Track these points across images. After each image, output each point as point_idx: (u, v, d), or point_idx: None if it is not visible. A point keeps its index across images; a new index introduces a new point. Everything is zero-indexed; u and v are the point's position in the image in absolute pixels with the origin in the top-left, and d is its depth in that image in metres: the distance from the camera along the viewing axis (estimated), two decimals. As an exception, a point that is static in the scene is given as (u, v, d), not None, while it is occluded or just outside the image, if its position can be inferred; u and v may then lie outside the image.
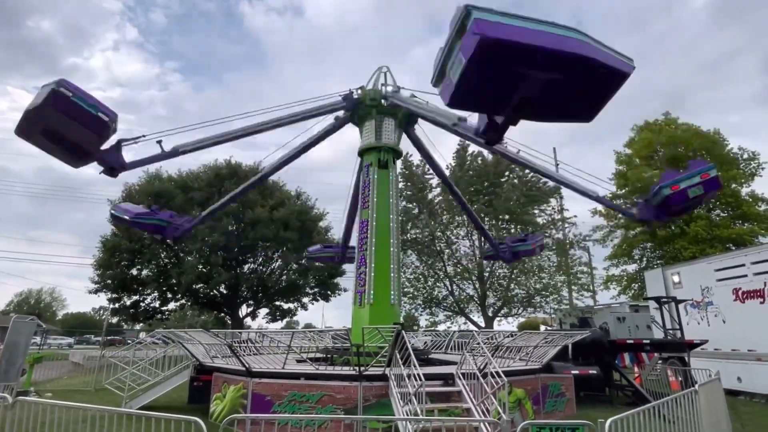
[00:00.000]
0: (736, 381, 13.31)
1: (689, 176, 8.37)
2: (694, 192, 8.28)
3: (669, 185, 8.54)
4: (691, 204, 8.92)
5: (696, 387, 6.12)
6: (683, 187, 8.34)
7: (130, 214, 11.23)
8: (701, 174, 8.27)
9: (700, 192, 8.34)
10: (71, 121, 7.64)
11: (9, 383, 11.56)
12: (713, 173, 8.35)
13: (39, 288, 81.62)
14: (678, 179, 8.45)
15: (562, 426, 4.57)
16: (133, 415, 5.36)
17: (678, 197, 8.43)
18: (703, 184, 8.26)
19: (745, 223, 26.41)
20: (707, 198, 9.52)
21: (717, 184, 8.53)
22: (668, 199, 8.53)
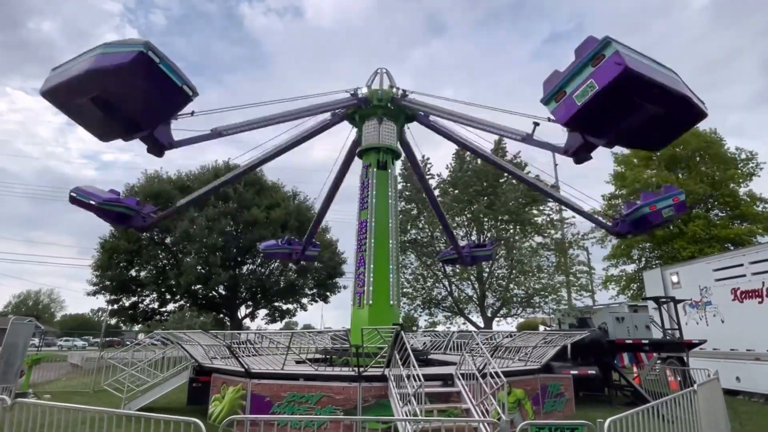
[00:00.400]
0: (735, 381, 13.33)
1: (664, 198, 9.29)
2: (667, 213, 9.24)
3: (648, 205, 9.48)
4: (663, 222, 9.84)
5: (695, 387, 6.13)
6: (659, 208, 9.23)
7: (96, 198, 9.75)
8: (673, 197, 9.21)
9: (672, 213, 9.35)
10: (148, 90, 6.71)
11: (7, 385, 11.53)
12: (682, 198, 9.37)
13: (37, 289, 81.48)
14: (655, 200, 9.35)
15: (561, 426, 4.57)
16: (132, 416, 5.35)
17: (654, 216, 9.35)
18: (674, 206, 9.26)
19: (744, 222, 26.47)
20: (675, 218, 10.85)
21: (683, 207, 9.78)
22: (646, 217, 9.50)
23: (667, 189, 9.62)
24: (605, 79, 5.53)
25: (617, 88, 5.53)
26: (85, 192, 9.89)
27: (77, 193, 9.84)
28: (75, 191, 9.82)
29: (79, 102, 6.68)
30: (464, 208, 26.86)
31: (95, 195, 9.88)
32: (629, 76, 5.40)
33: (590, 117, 6.07)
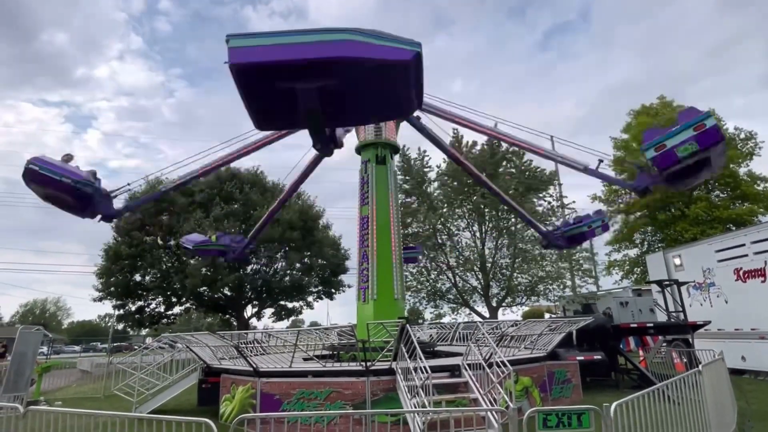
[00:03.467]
0: (741, 360, 13.40)
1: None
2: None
3: (586, 225, 9.60)
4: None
5: (700, 367, 6.17)
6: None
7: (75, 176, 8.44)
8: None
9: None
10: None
11: (19, 393, 11.66)
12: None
13: (44, 298, 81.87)
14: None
15: (568, 412, 4.60)
16: (144, 419, 5.42)
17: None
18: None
19: (745, 203, 26.42)
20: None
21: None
22: (585, 234, 9.68)
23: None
24: (706, 143, 7.37)
25: (708, 152, 7.47)
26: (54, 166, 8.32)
27: (40, 164, 8.20)
28: (36, 162, 8.18)
29: (294, 86, 5.35)
30: (464, 199, 26.86)
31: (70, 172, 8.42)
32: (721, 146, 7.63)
33: (681, 168, 7.89)
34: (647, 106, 30.29)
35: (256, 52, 5.01)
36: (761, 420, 8.13)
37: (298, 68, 5.05)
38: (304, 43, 5.04)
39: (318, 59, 4.99)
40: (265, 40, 5.07)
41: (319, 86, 5.32)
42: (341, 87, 5.38)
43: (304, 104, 5.55)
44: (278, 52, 5.03)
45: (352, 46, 5.07)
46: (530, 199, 26.44)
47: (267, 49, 5.02)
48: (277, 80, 5.25)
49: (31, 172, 8.09)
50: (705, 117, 7.52)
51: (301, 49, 5.01)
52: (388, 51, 5.16)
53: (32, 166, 8.07)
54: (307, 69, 5.12)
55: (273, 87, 5.33)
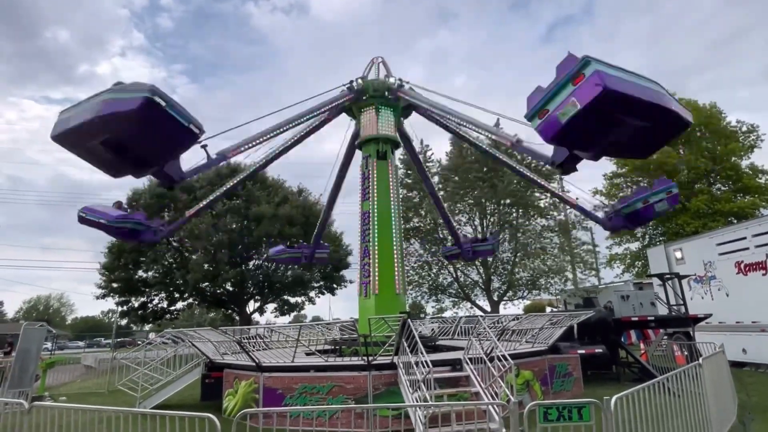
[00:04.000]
0: (741, 353, 13.43)
1: (657, 192, 9.34)
2: (661, 207, 9.35)
3: (641, 200, 9.51)
4: (656, 215, 10.04)
5: (700, 360, 6.19)
6: (651, 202, 9.29)
7: (107, 217, 9.72)
8: (666, 191, 9.33)
9: (665, 207, 9.47)
10: (157, 132, 6.71)
11: (24, 389, 11.75)
12: (675, 191, 9.48)
13: (47, 294, 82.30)
14: (648, 195, 9.42)
15: (568, 405, 4.63)
16: (148, 414, 5.46)
17: (646, 211, 9.43)
18: (668, 199, 9.36)
19: (746, 196, 26.36)
20: (669, 210, 10.81)
21: (676, 200, 9.83)
22: (639, 212, 9.58)
23: (660, 183, 9.62)
24: (586, 99, 5.51)
25: (599, 107, 5.52)
26: (94, 211, 9.91)
27: (86, 212, 9.84)
28: (84, 211, 9.83)
29: (89, 145, 6.81)
30: (466, 194, 26.85)
31: (105, 213, 9.86)
32: (610, 95, 5.38)
33: (574, 134, 6.09)
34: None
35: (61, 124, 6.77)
36: (762, 412, 8.16)
37: (79, 131, 6.48)
38: (81, 110, 6.51)
39: (83, 122, 6.32)
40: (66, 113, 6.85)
41: (101, 141, 6.58)
42: (116, 138, 6.54)
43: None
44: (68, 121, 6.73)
45: (102, 105, 6.23)
46: (533, 192, 26.42)
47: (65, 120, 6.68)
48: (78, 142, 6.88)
49: (81, 218, 9.71)
50: (583, 65, 5.68)
51: (77, 116, 6.51)
52: (121, 103, 6.12)
53: (81, 213, 9.75)
54: (83, 131, 6.49)
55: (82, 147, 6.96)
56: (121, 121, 6.26)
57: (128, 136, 6.65)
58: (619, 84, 5.47)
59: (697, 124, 27.59)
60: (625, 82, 5.56)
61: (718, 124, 27.53)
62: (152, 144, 7.00)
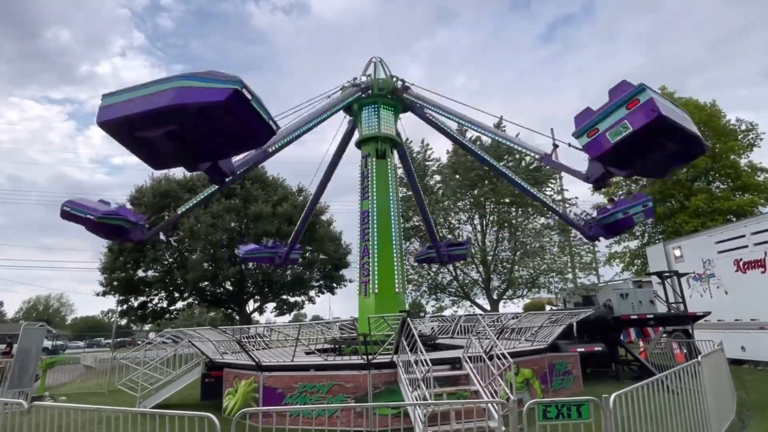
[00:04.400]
0: (740, 350, 13.46)
1: (635, 205, 10.05)
2: (638, 218, 10.08)
3: (621, 211, 10.13)
4: (632, 226, 11.12)
5: (699, 358, 6.20)
6: (631, 213, 9.99)
7: (95, 213, 9.01)
8: (643, 204, 10.02)
9: (642, 218, 10.30)
10: (236, 126, 6.20)
11: (23, 389, 11.75)
12: (650, 204, 10.19)
13: (47, 294, 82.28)
14: (628, 207, 10.08)
15: (567, 403, 4.64)
16: (148, 414, 5.46)
17: (626, 221, 10.14)
18: (644, 212, 10.07)
19: (745, 194, 26.38)
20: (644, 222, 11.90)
21: (652, 212, 10.71)
22: (619, 222, 10.22)
23: (637, 196, 10.39)
24: (639, 123, 6.12)
25: (648, 131, 6.13)
26: (81, 205, 9.13)
27: (71, 206, 9.02)
28: (68, 205, 9.00)
29: (147, 134, 6.09)
30: (465, 192, 26.85)
31: (92, 209, 9.14)
32: (662, 121, 5.99)
33: (619, 153, 6.66)
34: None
35: (114, 110, 5.85)
36: (760, 410, 8.18)
37: (142, 119, 5.75)
38: (144, 96, 5.76)
39: (151, 110, 5.64)
40: (117, 97, 5.90)
41: (165, 132, 5.95)
42: (184, 130, 5.95)
43: (163, 148, 6.15)
44: (126, 107, 5.80)
45: (177, 93, 5.63)
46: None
47: (120, 105, 5.83)
48: (134, 131, 6.00)
49: (65, 213, 8.98)
50: (638, 91, 6.30)
51: (140, 102, 5.73)
52: (205, 93, 5.60)
53: (65, 207, 9.00)
54: (148, 119, 5.79)
55: (135, 136, 6.07)
56: (202, 112, 5.73)
57: (202, 129, 6.09)
58: (668, 111, 6.13)
59: (697, 122, 27.58)
60: (671, 110, 6.26)
61: (717, 123, 27.54)
62: (224, 138, 6.48)
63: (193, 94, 5.62)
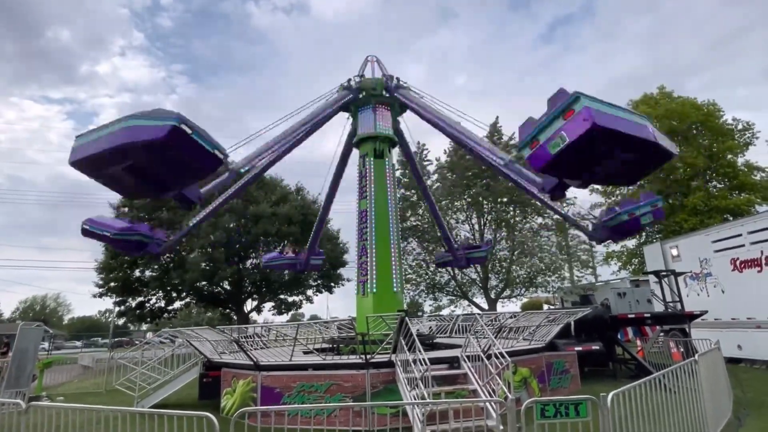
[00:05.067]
0: (737, 349, 13.52)
1: (643, 206, 9.48)
2: (645, 219, 9.46)
3: (627, 212, 9.64)
4: (640, 228, 10.21)
5: (696, 357, 6.23)
6: (638, 215, 9.45)
7: (111, 229, 9.53)
8: (651, 205, 9.47)
9: (650, 219, 9.59)
10: (181, 158, 6.64)
11: (21, 389, 11.72)
12: (660, 204, 9.63)
13: (43, 294, 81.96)
14: (634, 208, 9.55)
15: (565, 402, 4.65)
16: (146, 413, 5.46)
17: (632, 224, 9.62)
18: (653, 213, 9.50)
19: (742, 193, 26.50)
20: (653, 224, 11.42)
21: (662, 213, 9.98)
22: (624, 224, 9.74)
23: (645, 196, 9.76)
24: (575, 134, 5.74)
25: (587, 141, 5.74)
26: (99, 223, 9.68)
27: (90, 224, 9.58)
28: (87, 223, 9.57)
29: (110, 171, 6.74)
30: (463, 192, 26.87)
31: (108, 225, 9.68)
32: (597, 130, 5.61)
33: (564, 165, 6.32)
34: (648, 95, 30.19)
35: (81, 150, 6.50)
36: (757, 408, 8.22)
37: (100, 158, 6.31)
38: (102, 137, 6.32)
39: (107, 150, 6.19)
40: (85, 138, 6.54)
41: (124, 167, 6.53)
42: (138, 165, 6.49)
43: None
44: (90, 148, 6.40)
45: (125, 132, 6.14)
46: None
47: (86, 146, 6.44)
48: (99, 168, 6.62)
49: (84, 230, 9.45)
50: (572, 100, 5.90)
51: (99, 142, 6.32)
52: (147, 131, 6.07)
53: (84, 225, 9.46)
54: (105, 157, 6.34)
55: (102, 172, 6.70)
56: (146, 149, 6.19)
57: (153, 163, 6.58)
58: (608, 120, 5.71)
59: (694, 121, 27.72)
60: (614, 117, 5.81)
61: (715, 122, 27.65)
62: (176, 169, 6.96)
63: (138, 133, 6.13)
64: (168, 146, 6.18)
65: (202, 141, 6.54)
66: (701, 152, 27.09)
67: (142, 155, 6.35)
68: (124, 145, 6.14)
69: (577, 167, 6.56)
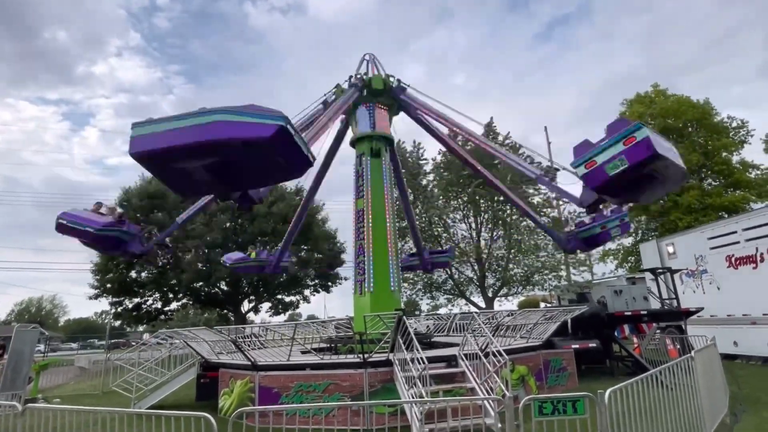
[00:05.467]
0: (733, 345, 13.60)
1: (613, 220, 10.61)
2: (615, 232, 10.70)
3: (599, 225, 10.64)
4: (609, 240, 11.56)
5: (692, 353, 6.26)
6: (608, 228, 10.57)
7: (94, 225, 8.72)
8: (620, 219, 10.57)
9: (618, 233, 10.86)
10: (278, 160, 6.23)
11: (17, 392, 11.66)
12: (627, 219, 10.63)
13: (39, 296, 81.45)
14: (605, 221, 10.57)
15: (563, 399, 4.66)
16: (143, 414, 5.44)
17: (604, 235, 10.80)
18: (620, 226, 10.62)
19: (737, 190, 26.65)
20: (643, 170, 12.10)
21: (628, 227, 11.27)
22: (597, 236, 10.76)
23: (614, 212, 10.74)
24: (635, 159, 6.67)
25: (643, 166, 6.72)
26: (77, 217, 8.83)
27: (67, 219, 8.69)
28: (64, 217, 8.66)
29: (182, 166, 6.09)
30: (460, 191, 26.89)
31: (90, 221, 8.85)
32: (655, 158, 6.58)
33: (614, 185, 7.23)
34: (641, 94, 30.33)
35: (148, 140, 5.84)
36: (752, 404, 8.27)
37: (181, 152, 5.81)
38: (182, 128, 5.72)
39: (192, 143, 5.66)
40: (150, 128, 5.88)
41: (204, 164, 6.03)
42: (224, 163, 6.08)
43: (198, 178, 6.25)
44: (164, 139, 5.77)
45: (219, 127, 5.66)
46: (525, 190, 26.52)
47: (155, 137, 5.81)
48: (170, 163, 6.03)
49: (60, 225, 8.67)
50: (635, 129, 6.75)
51: (179, 134, 5.71)
52: (251, 128, 5.67)
53: (61, 220, 8.72)
54: (187, 151, 5.80)
55: (170, 167, 6.12)
56: (245, 146, 5.77)
57: (245, 162, 6.14)
58: (662, 149, 6.69)
59: (690, 119, 27.86)
60: (664, 146, 6.83)
61: (710, 120, 27.79)
62: (266, 169, 6.57)
63: (236, 129, 5.63)
64: (271, 146, 5.78)
65: (302, 143, 6.29)
66: (696, 150, 27.23)
67: (236, 153, 5.90)
68: (217, 141, 5.65)
69: (623, 187, 7.42)
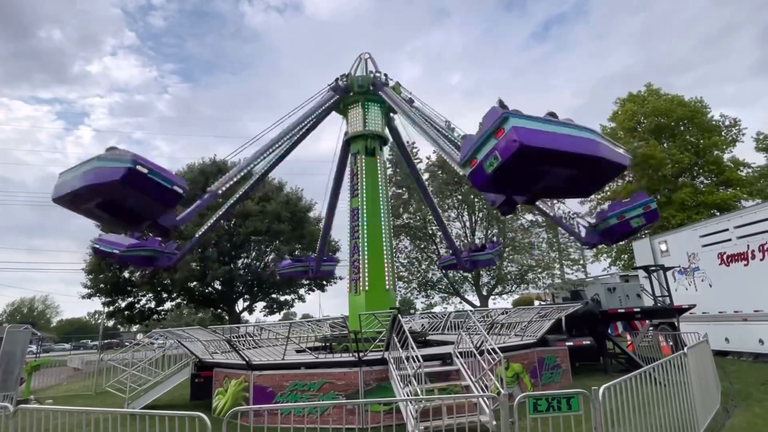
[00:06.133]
0: (724, 341, 13.73)
1: (633, 208, 9.00)
2: (637, 222, 8.98)
3: (616, 215, 9.19)
4: (632, 232, 9.54)
5: (684, 350, 6.31)
6: (627, 218, 9.01)
7: (119, 246, 9.74)
8: (644, 206, 8.96)
9: (642, 222, 9.06)
10: (143, 195, 7.16)
11: (8, 393, 11.55)
12: (653, 206, 9.02)
13: (31, 296, 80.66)
14: (623, 210, 9.08)
15: (557, 396, 4.68)
16: (137, 415, 5.40)
17: (622, 227, 9.15)
18: (645, 215, 8.98)
19: (728, 188, 26.91)
20: (647, 227, 11.04)
21: (656, 215, 9.27)
22: (613, 228, 9.29)
23: (637, 197, 9.26)
24: (505, 154, 5.72)
25: (519, 160, 5.71)
26: (107, 242, 9.99)
27: (100, 243, 9.92)
28: (98, 242, 9.96)
29: (86, 207, 7.38)
30: (454, 190, 26.96)
31: (117, 243, 9.93)
32: (527, 150, 5.54)
33: (504, 182, 6.29)
34: (634, 94, 30.53)
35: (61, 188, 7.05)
36: (744, 399, 8.36)
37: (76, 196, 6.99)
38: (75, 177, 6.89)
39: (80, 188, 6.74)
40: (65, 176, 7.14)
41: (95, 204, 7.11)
42: (107, 202, 7.11)
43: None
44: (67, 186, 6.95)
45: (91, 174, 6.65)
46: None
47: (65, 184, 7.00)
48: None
49: (95, 250, 9.85)
50: (503, 119, 6.03)
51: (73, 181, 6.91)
52: (109, 173, 6.55)
53: (95, 245, 9.97)
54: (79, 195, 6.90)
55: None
56: (107, 189, 6.74)
57: (119, 201, 7.20)
58: (539, 138, 5.62)
59: (681, 118, 28.06)
60: (548, 135, 5.68)
61: (702, 119, 28.02)
62: (142, 205, 7.46)
63: (100, 175, 6.63)
64: (127, 186, 6.70)
65: (160, 179, 7.06)
66: (688, 148, 27.46)
67: (108, 194, 6.96)
68: (93, 185, 6.70)
69: (518, 184, 6.56)
